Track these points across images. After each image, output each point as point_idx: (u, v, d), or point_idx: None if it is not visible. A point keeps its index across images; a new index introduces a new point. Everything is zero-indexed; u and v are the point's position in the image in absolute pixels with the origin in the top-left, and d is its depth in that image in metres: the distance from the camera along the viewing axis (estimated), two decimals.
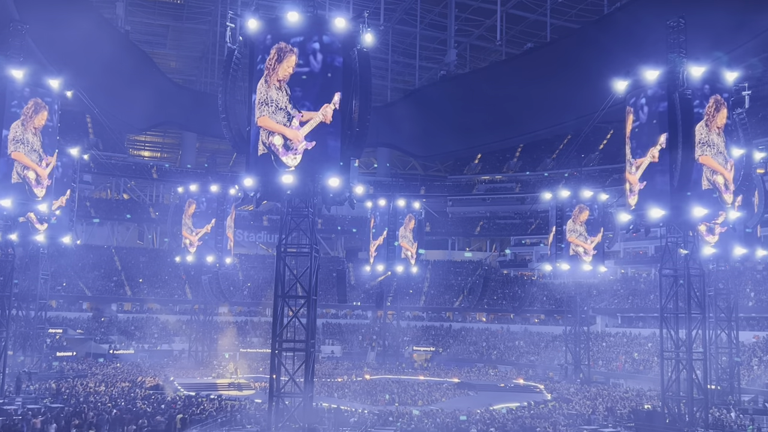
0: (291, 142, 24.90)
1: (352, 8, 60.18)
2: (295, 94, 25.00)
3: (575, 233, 52.27)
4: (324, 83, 25.17)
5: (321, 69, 25.20)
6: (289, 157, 24.94)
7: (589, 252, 51.96)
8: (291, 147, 24.94)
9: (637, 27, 51.19)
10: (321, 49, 25.22)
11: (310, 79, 25.19)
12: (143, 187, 79.35)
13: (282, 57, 25.04)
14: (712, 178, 30.14)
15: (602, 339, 58.68)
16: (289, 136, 24.89)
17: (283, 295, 25.39)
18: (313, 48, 25.20)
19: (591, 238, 52.09)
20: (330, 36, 25.30)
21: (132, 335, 60.08)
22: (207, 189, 54.20)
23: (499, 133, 75.99)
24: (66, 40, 55.55)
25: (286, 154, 24.94)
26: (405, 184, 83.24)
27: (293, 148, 24.94)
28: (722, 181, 30.34)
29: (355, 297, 68.19)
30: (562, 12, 69.88)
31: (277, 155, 24.99)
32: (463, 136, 76.92)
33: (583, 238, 52.08)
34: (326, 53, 25.27)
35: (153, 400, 33.22)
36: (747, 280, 53.10)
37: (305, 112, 24.90)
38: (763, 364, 44.79)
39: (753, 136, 38.35)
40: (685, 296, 30.13)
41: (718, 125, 30.38)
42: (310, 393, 24.92)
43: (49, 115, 34.48)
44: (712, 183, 30.15)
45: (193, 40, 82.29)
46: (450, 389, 45.08)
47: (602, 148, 77.35)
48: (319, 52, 25.19)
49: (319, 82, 25.18)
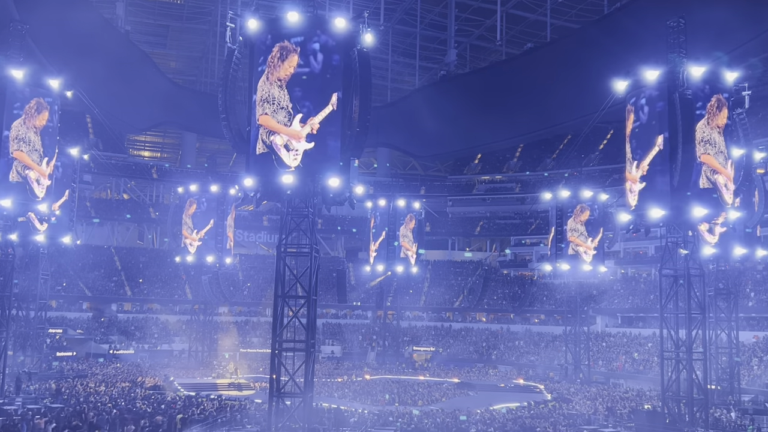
0: (291, 141, 24.90)
1: (352, 8, 60.20)
2: (295, 94, 24.99)
3: (575, 233, 52.28)
4: (324, 83, 25.17)
5: (321, 69, 25.19)
6: (290, 156, 24.94)
7: (589, 252, 51.96)
8: (291, 147, 24.94)
9: (638, 27, 51.21)
10: (321, 50, 25.21)
11: (310, 79, 25.18)
12: (143, 187, 79.34)
13: (285, 56, 25.01)
14: (712, 177, 30.13)
15: (602, 339, 58.68)
16: (290, 136, 24.88)
17: (283, 295, 25.39)
18: (313, 48, 25.18)
19: (591, 238, 52.09)
20: (330, 36, 25.30)
21: (132, 335, 60.08)
22: (207, 189, 54.19)
23: (499, 133, 75.98)
24: (66, 40, 55.61)
25: (286, 153, 24.94)
26: (405, 184, 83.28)
27: (294, 149, 24.95)
28: (722, 181, 30.34)
29: (355, 297, 68.19)
30: (562, 12, 69.88)
31: (277, 155, 24.98)
32: (463, 136, 76.92)
33: (584, 237, 52.08)
34: (326, 53, 25.26)
35: (153, 400, 33.22)
36: (747, 280, 53.10)
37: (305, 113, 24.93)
38: (763, 364, 44.79)
39: (753, 136, 38.27)
40: (685, 296, 30.13)
41: (719, 125, 30.38)
42: (310, 393, 24.92)
43: (49, 115, 34.49)
44: (712, 183, 30.14)
45: (193, 40, 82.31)
46: (450, 389, 45.08)
47: (602, 148, 77.35)
48: (319, 52, 25.18)
49: (319, 82, 25.17)
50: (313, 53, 25.18)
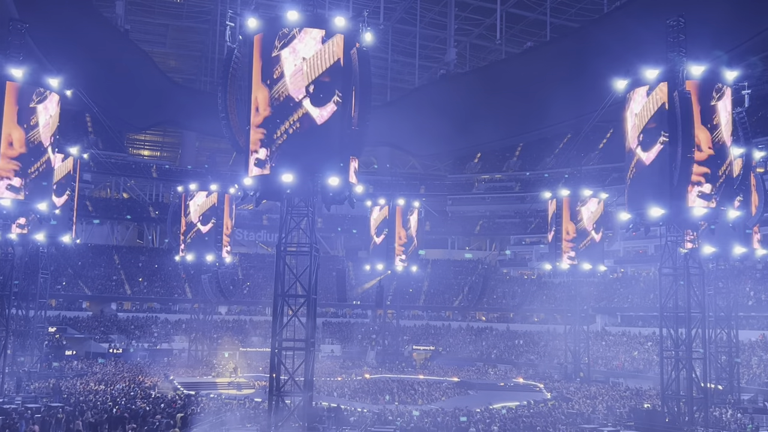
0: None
1: (351, 7, 60.25)
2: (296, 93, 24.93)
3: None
4: (324, 82, 25.11)
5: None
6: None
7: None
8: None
9: (637, 26, 51.20)
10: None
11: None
12: (143, 186, 79.32)
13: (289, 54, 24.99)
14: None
15: (602, 338, 58.68)
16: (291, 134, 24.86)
17: (282, 294, 25.38)
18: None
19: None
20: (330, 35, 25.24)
21: (132, 334, 60.06)
22: (207, 188, 54.13)
23: (499, 132, 76.04)
24: (66, 39, 55.59)
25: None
26: (405, 183, 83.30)
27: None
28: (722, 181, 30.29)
29: (354, 296, 68.18)
30: (562, 11, 69.91)
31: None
32: (463, 135, 76.94)
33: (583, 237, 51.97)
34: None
35: (153, 399, 33.22)
36: (746, 279, 53.13)
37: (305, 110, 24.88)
38: (762, 363, 44.81)
39: (753, 135, 38.26)
40: (685, 295, 30.13)
41: (718, 123, 30.32)
42: (310, 392, 24.91)
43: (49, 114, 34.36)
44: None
45: (192, 39, 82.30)
46: (450, 388, 45.04)
47: (602, 147, 77.38)
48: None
49: (318, 81, 25.12)
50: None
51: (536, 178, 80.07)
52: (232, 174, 68.64)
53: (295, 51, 24.67)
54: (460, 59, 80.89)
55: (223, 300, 57.20)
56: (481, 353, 62.02)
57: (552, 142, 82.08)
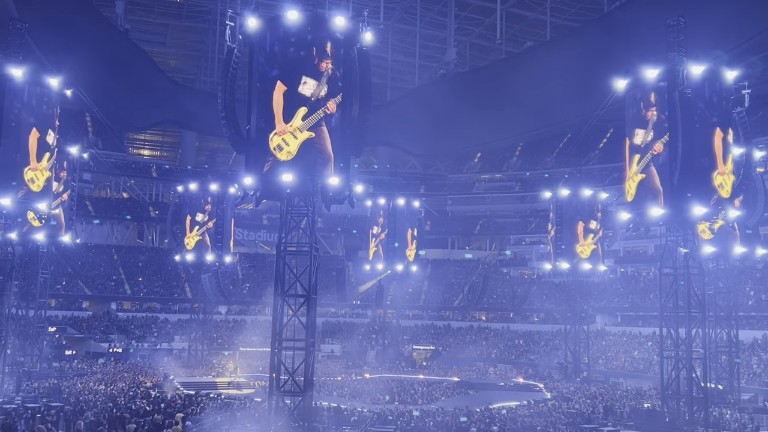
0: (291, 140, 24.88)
1: (351, 7, 60.20)
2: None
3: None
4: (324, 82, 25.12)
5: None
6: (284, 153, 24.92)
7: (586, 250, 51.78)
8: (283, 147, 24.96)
9: (637, 25, 51.20)
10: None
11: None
12: (143, 185, 79.32)
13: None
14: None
15: (602, 338, 58.68)
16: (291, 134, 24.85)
17: (282, 294, 25.38)
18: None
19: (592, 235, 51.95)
20: (330, 35, 25.25)
21: (132, 334, 60.04)
22: (207, 188, 54.14)
23: (499, 132, 76.03)
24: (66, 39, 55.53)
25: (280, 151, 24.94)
26: (405, 183, 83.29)
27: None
28: (722, 180, 30.30)
29: (354, 296, 68.16)
30: (562, 10, 69.89)
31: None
32: (463, 135, 76.95)
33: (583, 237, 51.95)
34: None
35: (153, 398, 33.20)
36: (747, 278, 53.08)
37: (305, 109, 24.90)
38: (763, 363, 44.80)
39: (753, 134, 38.19)
40: (685, 295, 30.12)
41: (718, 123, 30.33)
42: (310, 392, 24.91)
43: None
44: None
45: (192, 38, 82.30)
46: (450, 388, 45.03)
47: (602, 146, 77.38)
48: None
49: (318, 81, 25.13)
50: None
51: (536, 178, 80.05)
52: (232, 173, 68.69)
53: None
54: (460, 59, 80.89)
55: (223, 300, 57.21)
56: (481, 353, 61.99)
57: (552, 141, 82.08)
